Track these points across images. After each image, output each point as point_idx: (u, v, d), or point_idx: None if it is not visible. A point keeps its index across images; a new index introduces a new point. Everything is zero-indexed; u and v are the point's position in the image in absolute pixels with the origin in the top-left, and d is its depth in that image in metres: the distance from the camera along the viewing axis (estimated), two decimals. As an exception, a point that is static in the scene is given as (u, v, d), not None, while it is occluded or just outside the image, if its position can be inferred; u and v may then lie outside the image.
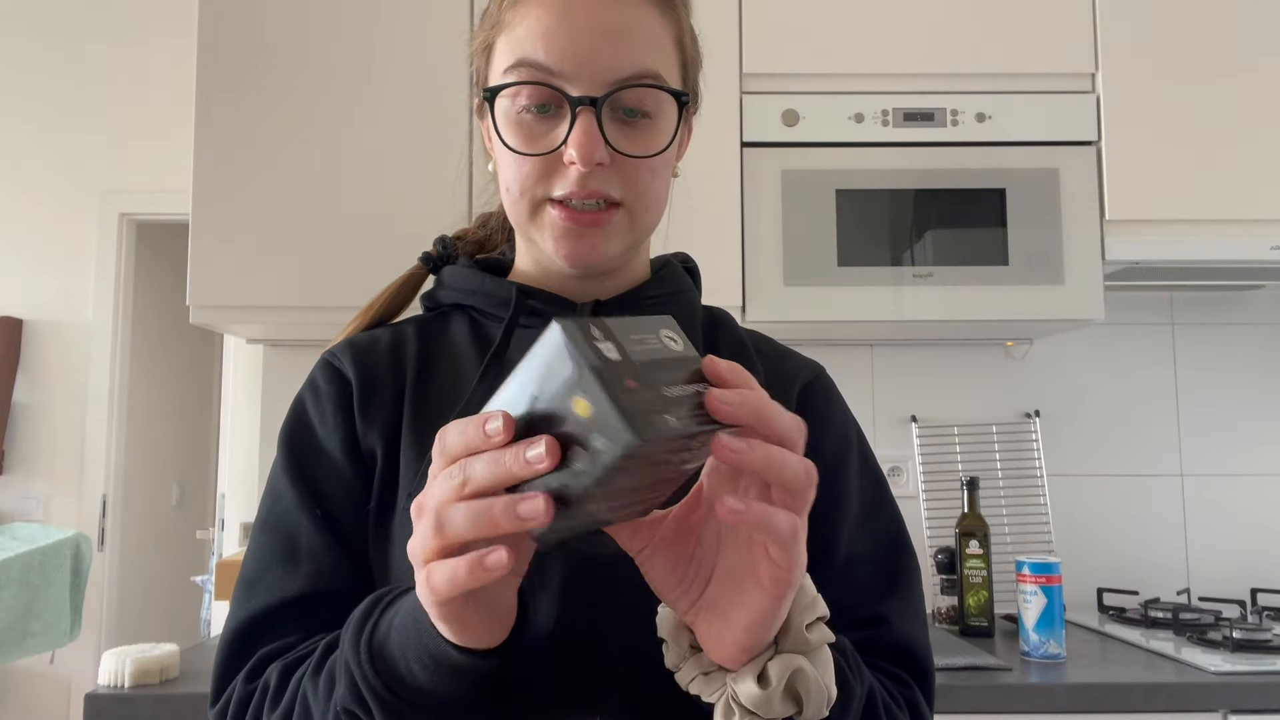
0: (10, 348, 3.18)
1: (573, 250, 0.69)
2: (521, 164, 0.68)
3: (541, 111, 0.67)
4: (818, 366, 0.80)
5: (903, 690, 0.69)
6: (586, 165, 0.65)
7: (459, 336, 0.76)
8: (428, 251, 0.83)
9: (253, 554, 0.70)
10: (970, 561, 1.77)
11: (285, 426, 0.74)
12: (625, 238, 0.71)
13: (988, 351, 2.12)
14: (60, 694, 3.12)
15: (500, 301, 0.75)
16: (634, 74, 0.67)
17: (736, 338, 0.79)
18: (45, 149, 3.26)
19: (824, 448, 0.73)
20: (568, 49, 0.66)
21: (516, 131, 0.68)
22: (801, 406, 0.75)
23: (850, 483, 0.74)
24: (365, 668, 0.55)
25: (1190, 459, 2.10)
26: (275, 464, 0.73)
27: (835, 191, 1.76)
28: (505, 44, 0.69)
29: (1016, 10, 1.82)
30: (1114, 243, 1.76)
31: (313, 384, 0.75)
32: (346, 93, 1.77)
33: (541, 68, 0.66)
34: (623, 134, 0.67)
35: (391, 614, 0.55)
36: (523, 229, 0.72)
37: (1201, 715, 1.39)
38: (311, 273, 1.73)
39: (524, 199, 0.69)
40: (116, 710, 1.36)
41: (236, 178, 1.74)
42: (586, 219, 0.68)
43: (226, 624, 0.69)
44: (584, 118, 0.65)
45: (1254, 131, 1.79)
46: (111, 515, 3.27)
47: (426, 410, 0.71)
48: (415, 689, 0.54)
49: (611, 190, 0.68)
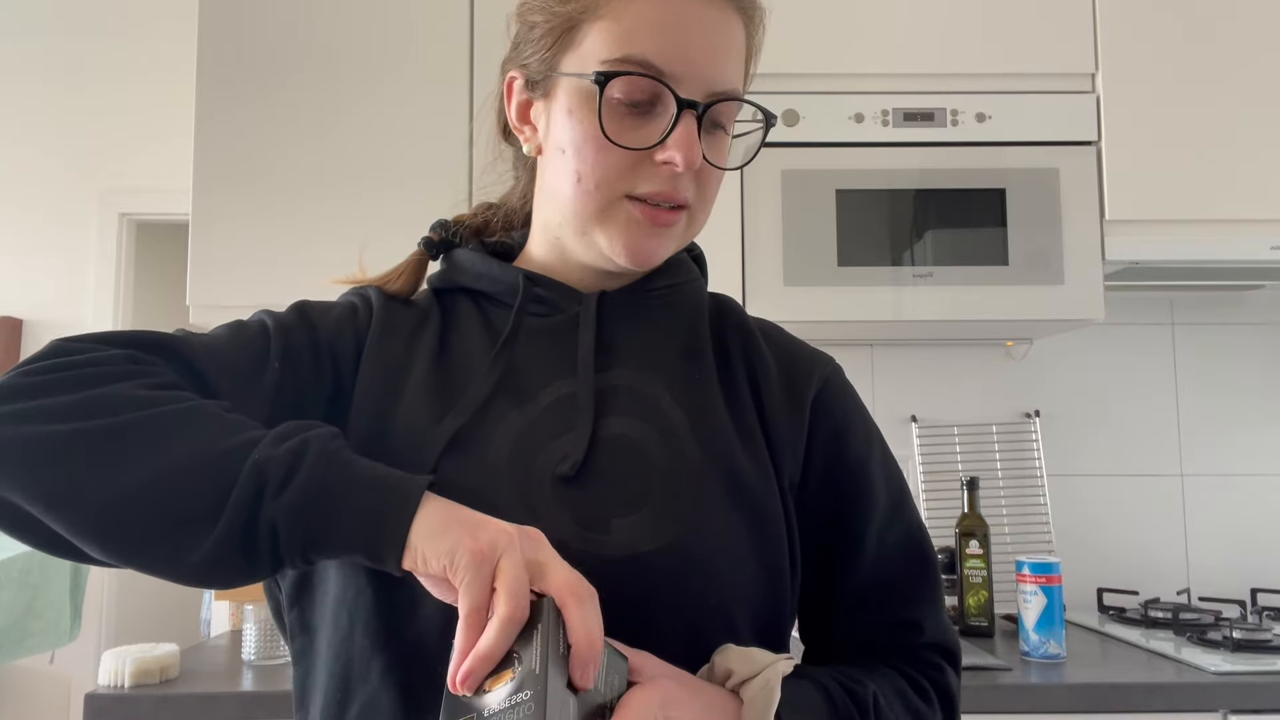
0: (10, 348, 3.18)
1: (641, 248, 0.69)
2: (609, 155, 0.67)
3: (635, 107, 0.66)
4: (830, 363, 0.79)
5: (935, 674, 0.72)
6: (688, 167, 0.66)
7: (467, 320, 0.75)
8: (428, 236, 0.81)
9: (210, 333, 0.68)
10: (970, 561, 1.77)
11: (307, 301, 0.74)
12: (681, 241, 0.73)
13: (988, 351, 2.12)
14: (60, 694, 3.12)
15: (508, 288, 0.74)
16: (728, 89, 0.68)
17: (743, 326, 0.78)
18: (45, 149, 3.26)
19: (848, 453, 0.74)
20: (680, 54, 0.66)
21: (608, 120, 0.66)
22: (816, 415, 0.74)
23: (875, 483, 0.74)
24: (318, 457, 0.55)
25: (1190, 459, 2.10)
26: (275, 311, 0.72)
27: (835, 191, 1.75)
28: (606, 32, 0.67)
29: (1016, 10, 1.81)
30: (1114, 243, 1.76)
31: (350, 304, 0.75)
32: (346, 92, 1.77)
33: (652, 67, 0.66)
34: (707, 143, 0.68)
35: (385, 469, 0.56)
36: (585, 223, 0.70)
37: (1201, 715, 1.39)
38: (311, 273, 1.73)
39: (599, 192, 0.68)
40: (116, 710, 1.36)
41: (236, 178, 1.74)
42: (665, 219, 0.69)
43: None
44: (687, 120, 0.66)
45: (1254, 131, 1.79)
46: (111, 515, 3.27)
47: (441, 389, 0.69)
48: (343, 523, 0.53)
49: (689, 194, 0.69)
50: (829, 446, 0.74)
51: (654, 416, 0.69)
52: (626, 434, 0.68)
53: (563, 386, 0.70)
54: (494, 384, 0.69)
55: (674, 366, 0.73)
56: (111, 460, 0.53)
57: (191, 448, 0.54)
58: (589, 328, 0.72)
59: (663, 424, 0.69)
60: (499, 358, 0.70)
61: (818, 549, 0.73)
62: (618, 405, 0.69)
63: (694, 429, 0.69)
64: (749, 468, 0.69)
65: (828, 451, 0.73)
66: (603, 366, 0.71)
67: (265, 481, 0.53)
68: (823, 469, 0.73)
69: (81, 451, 0.53)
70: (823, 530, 0.73)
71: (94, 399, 0.55)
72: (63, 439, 0.53)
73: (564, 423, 0.67)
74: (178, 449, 0.54)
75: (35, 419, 0.54)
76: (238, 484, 0.53)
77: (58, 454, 0.53)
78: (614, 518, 0.63)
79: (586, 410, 0.67)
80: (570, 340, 0.72)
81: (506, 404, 0.68)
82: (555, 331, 0.73)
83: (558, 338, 0.72)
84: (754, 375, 0.74)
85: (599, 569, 0.61)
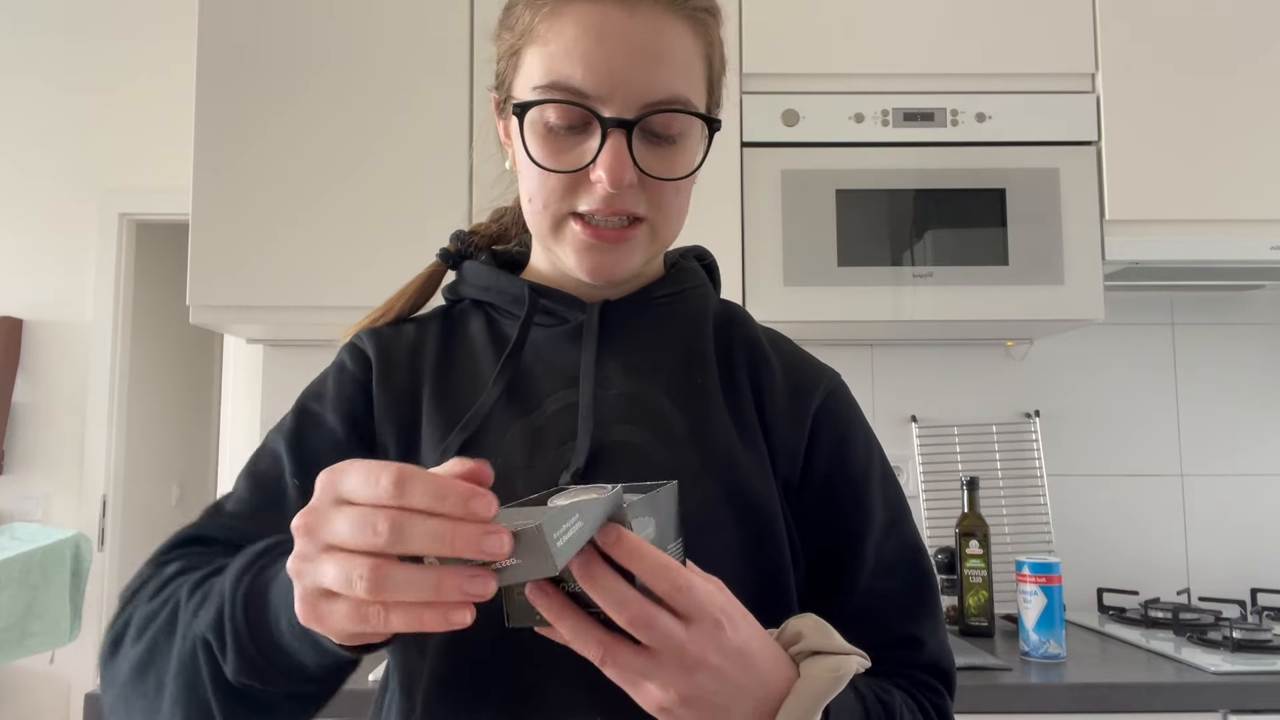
0: (10, 348, 3.18)
1: (595, 265, 0.70)
2: (547, 178, 0.68)
3: (569, 129, 0.67)
4: (835, 377, 0.79)
5: (933, 698, 0.72)
6: (615, 187, 0.66)
7: (477, 334, 0.77)
8: (445, 248, 0.83)
9: (232, 494, 0.72)
10: (970, 561, 1.77)
11: (303, 392, 0.76)
12: (646, 252, 0.72)
13: (988, 351, 2.12)
14: (60, 694, 3.12)
15: (514, 299, 0.76)
16: (666, 98, 0.67)
17: (751, 336, 0.78)
18: (45, 149, 3.26)
19: (848, 467, 0.74)
20: (603, 72, 0.66)
21: (543, 145, 0.68)
22: (818, 425, 0.74)
23: (875, 497, 0.74)
24: (237, 604, 0.55)
25: (1190, 459, 2.10)
26: (282, 420, 0.74)
27: (835, 191, 1.75)
28: (537, 58, 0.68)
29: (1016, 10, 1.81)
30: (1114, 243, 1.76)
31: (339, 363, 0.77)
32: (346, 92, 1.77)
33: (575, 91, 0.66)
34: (651, 154, 0.68)
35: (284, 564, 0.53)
36: (543, 240, 0.73)
37: (1201, 715, 1.39)
38: (311, 273, 1.73)
39: (546, 212, 0.70)
40: (116, 710, 1.36)
41: (236, 178, 1.74)
42: (611, 236, 0.69)
43: None
44: (614, 139, 0.66)
45: (1254, 131, 1.79)
46: (111, 515, 3.27)
47: (448, 405, 0.72)
48: (276, 645, 0.54)
49: (637, 208, 0.69)
50: (829, 458, 0.74)
51: (654, 422, 0.70)
52: (628, 440, 0.69)
53: (567, 395, 0.71)
54: (499, 395, 0.71)
55: (675, 372, 0.74)
56: (150, 706, 0.60)
57: (170, 669, 0.59)
58: (591, 337, 0.73)
59: (663, 430, 0.70)
60: (504, 369, 0.72)
61: (815, 561, 0.73)
62: (619, 412, 0.70)
63: (694, 434, 0.70)
64: (749, 472, 0.70)
65: (828, 463, 0.74)
66: (605, 374, 0.72)
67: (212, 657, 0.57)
68: (822, 480, 0.73)
69: (136, 705, 0.61)
70: (820, 541, 0.73)
71: (143, 659, 0.61)
72: (123, 694, 0.62)
73: (568, 431, 0.69)
74: (169, 681, 0.59)
75: (119, 668, 0.63)
76: (200, 674, 0.57)
77: (125, 703, 0.62)
78: None
79: (587, 418, 0.69)
80: (574, 349, 0.74)
81: (512, 414, 0.71)
82: (559, 340, 0.75)
83: (562, 347, 0.74)
84: (758, 383, 0.75)
85: None
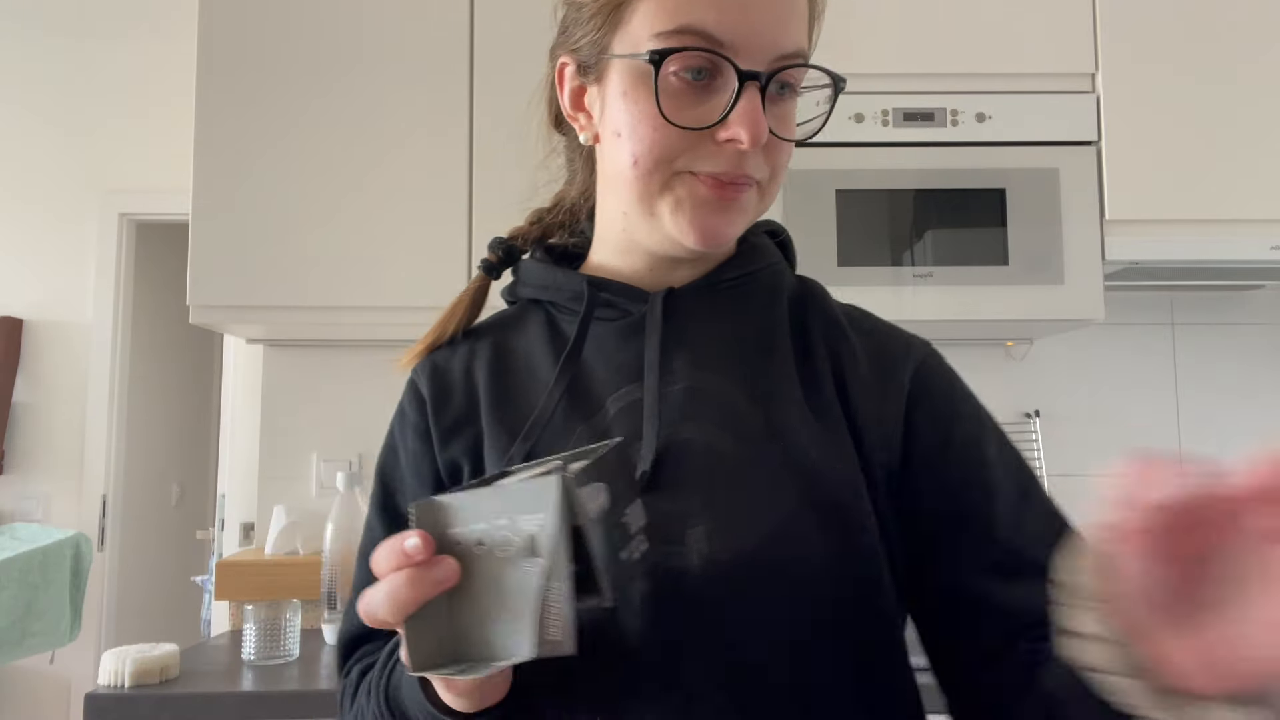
0: (10, 348, 3.18)
1: (709, 225, 0.64)
2: (667, 134, 0.62)
3: (696, 78, 0.62)
4: (925, 346, 0.72)
5: None
6: (754, 147, 0.61)
7: (535, 336, 0.73)
8: (486, 259, 0.78)
9: (354, 582, 0.72)
10: (970, 561, 1.77)
11: (379, 456, 0.75)
12: (752, 216, 0.68)
13: (988, 351, 2.12)
14: (60, 694, 3.12)
15: (573, 295, 0.71)
16: (794, 51, 0.63)
17: (828, 313, 0.73)
18: (46, 149, 3.26)
19: (954, 437, 0.67)
20: (739, 21, 0.61)
21: (665, 98, 0.62)
22: (914, 401, 0.68)
23: (993, 467, 0.66)
24: (383, 708, 0.62)
25: (1190, 459, 2.10)
26: (371, 493, 0.74)
27: (835, 191, 1.75)
28: (658, 5, 0.62)
29: (1016, 10, 1.81)
30: (1114, 243, 1.76)
31: (400, 411, 0.74)
32: (346, 92, 1.77)
33: (709, 37, 0.61)
34: (774, 113, 0.64)
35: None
36: (643, 206, 0.66)
37: (1201, 715, 1.39)
38: (311, 273, 1.73)
39: (658, 171, 0.64)
40: (116, 710, 1.36)
41: (236, 178, 1.74)
42: (732, 193, 0.64)
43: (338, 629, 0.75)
44: (750, 94, 0.61)
45: (1253, 131, 1.79)
46: (111, 515, 3.27)
47: (508, 415, 0.69)
48: None
49: (757, 171, 0.65)
50: (932, 434, 0.67)
51: (726, 418, 0.65)
52: (697, 438, 0.64)
53: (630, 393, 0.67)
54: (559, 398, 0.67)
55: (747, 362, 0.68)
56: None
57: None
58: (654, 329, 0.68)
59: (735, 425, 0.64)
60: (563, 371, 0.68)
61: (935, 548, 0.65)
62: (687, 408, 0.65)
63: (769, 429, 0.64)
64: (832, 467, 0.64)
65: (931, 438, 0.67)
66: (670, 368, 0.67)
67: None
68: (927, 458, 0.66)
69: None
70: (938, 524, 0.65)
71: None
72: None
73: (633, 431, 0.64)
74: None
75: None
76: None
77: None
78: (688, 528, 0.61)
79: (653, 418, 0.64)
80: (637, 343, 0.69)
81: (575, 418, 0.67)
82: (621, 335, 0.70)
83: (624, 341, 0.69)
84: (839, 365, 0.69)
85: (679, 583, 0.59)
